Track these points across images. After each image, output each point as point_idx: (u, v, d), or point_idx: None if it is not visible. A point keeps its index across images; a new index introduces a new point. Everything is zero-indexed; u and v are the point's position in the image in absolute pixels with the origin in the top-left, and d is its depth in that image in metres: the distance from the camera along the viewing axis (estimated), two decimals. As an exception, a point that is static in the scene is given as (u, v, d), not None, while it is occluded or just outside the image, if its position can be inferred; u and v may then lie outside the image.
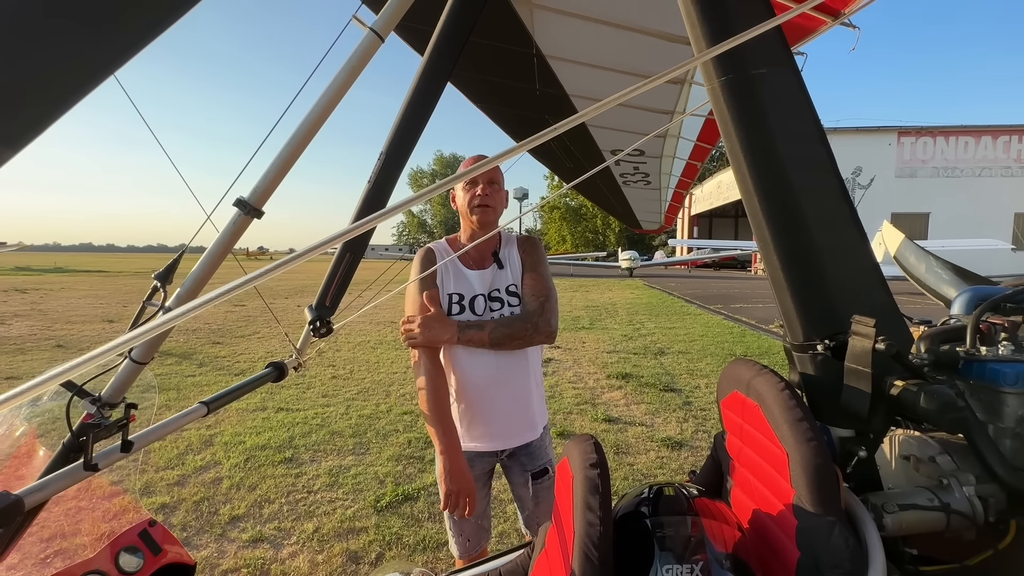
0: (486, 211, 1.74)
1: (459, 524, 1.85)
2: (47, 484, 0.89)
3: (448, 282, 1.79)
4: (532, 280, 1.80)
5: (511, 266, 1.81)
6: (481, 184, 1.71)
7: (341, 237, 0.53)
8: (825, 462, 0.85)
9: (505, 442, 1.79)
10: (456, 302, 1.76)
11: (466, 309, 1.75)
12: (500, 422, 1.77)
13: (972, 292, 1.30)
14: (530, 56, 2.77)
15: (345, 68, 1.13)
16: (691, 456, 4.08)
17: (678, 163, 4.73)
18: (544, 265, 1.85)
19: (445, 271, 1.80)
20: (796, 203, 1.08)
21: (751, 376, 1.04)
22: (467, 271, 1.80)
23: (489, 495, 1.91)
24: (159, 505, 3.24)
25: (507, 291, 1.77)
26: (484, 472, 1.85)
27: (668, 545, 0.88)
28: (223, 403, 1.24)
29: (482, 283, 1.78)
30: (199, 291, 1.13)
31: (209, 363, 7.20)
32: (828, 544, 0.82)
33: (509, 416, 1.77)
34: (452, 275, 1.80)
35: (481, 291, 1.77)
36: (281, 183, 1.15)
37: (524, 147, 0.54)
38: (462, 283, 1.78)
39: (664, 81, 0.57)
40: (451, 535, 1.88)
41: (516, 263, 1.82)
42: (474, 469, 1.78)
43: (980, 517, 0.96)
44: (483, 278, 1.78)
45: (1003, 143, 28.24)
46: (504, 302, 1.76)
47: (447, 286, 1.79)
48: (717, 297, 17.68)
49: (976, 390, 1.04)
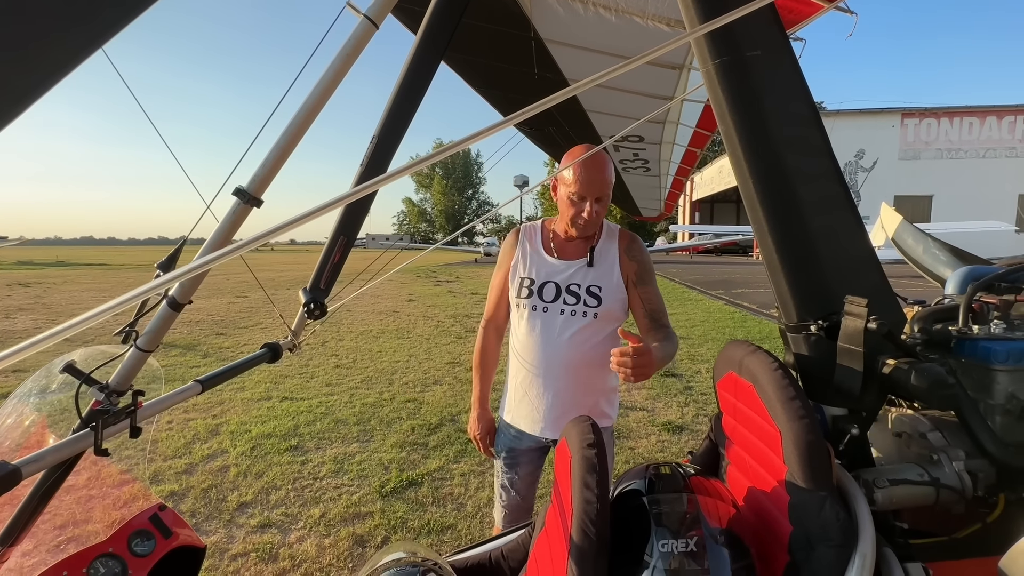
0: (588, 226, 1.66)
1: (502, 493, 1.89)
2: (44, 455, 0.91)
3: (524, 265, 1.76)
4: (655, 298, 1.75)
5: (604, 264, 1.72)
6: (590, 202, 1.61)
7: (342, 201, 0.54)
8: (816, 439, 0.87)
9: (550, 431, 1.76)
10: (526, 286, 1.73)
11: (534, 294, 1.72)
12: (544, 410, 1.74)
13: (965, 272, 1.31)
14: (528, 40, 2.75)
15: (340, 55, 1.13)
16: (692, 440, 4.13)
17: (677, 150, 4.71)
18: (654, 276, 1.80)
19: (524, 251, 1.77)
20: (790, 185, 1.08)
21: (744, 356, 1.06)
22: (548, 258, 1.75)
23: (535, 476, 1.90)
24: (168, 493, 3.30)
25: (587, 291, 1.69)
26: (531, 450, 1.84)
27: (664, 521, 0.90)
28: (217, 382, 1.26)
29: (562, 273, 1.72)
30: (201, 280, 1.15)
31: (213, 354, 7.25)
32: (819, 518, 0.84)
33: (554, 407, 1.73)
34: (531, 259, 1.76)
35: (556, 279, 1.71)
36: (281, 174, 1.16)
37: (510, 121, 0.55)
38: (539, 268, 1.74)
39: (657, 55, 0.58)
40: (496, 505, 1.93)
41: (612, 261, 1.73)
42: (522, 444, 1.83)
43: (969, 491, 0.98)
44: (566, 269, 1.72)
45: (1008, 123, 27.92)
46: (582, 299, 1.69)
47: (520, 270, 1.76)
48: (719, 282, 17.66)
49: (968, 368, 1.06)
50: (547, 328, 1.70)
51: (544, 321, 1.70)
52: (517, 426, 1.82)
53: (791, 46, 1.10)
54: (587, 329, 1.68)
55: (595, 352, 1.70)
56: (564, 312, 1.68)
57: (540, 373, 1.72)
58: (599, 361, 1.69)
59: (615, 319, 1.72)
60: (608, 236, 1.76)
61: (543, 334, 1.70)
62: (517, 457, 1.85)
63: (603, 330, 1.71)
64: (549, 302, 1.70)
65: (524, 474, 1.86)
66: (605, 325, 1.71)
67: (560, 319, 1.69)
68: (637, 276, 1.74)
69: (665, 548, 0.87)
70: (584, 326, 1.68)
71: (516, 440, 1.84)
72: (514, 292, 1.77)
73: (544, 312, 1.70)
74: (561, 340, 1.68)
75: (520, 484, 1.86)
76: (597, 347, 1.70)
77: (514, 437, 1.84)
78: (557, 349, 1.69)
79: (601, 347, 1.70)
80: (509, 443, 1.86)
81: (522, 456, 1.84)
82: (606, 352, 1.64)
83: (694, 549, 0.86)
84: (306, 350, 7.31)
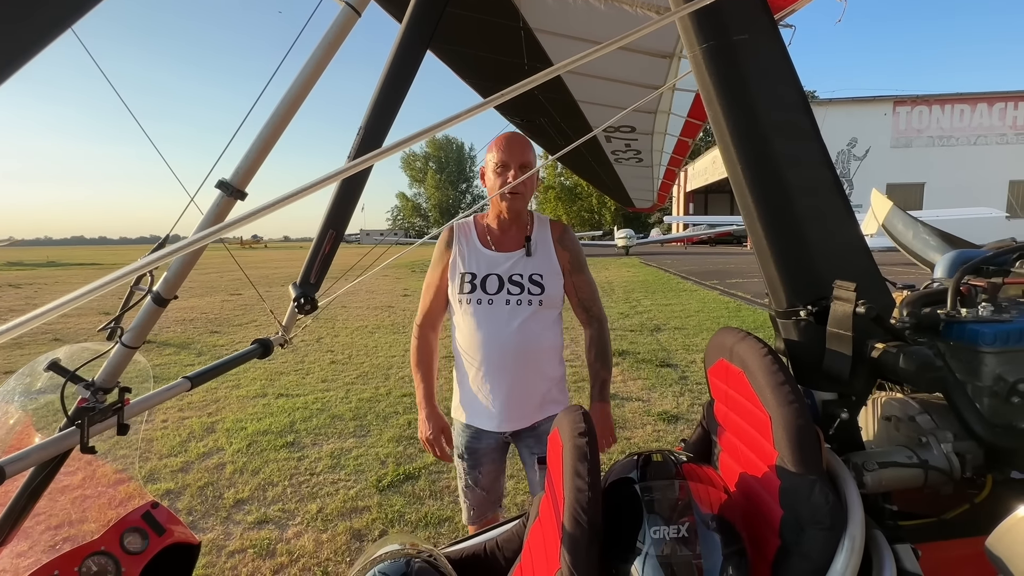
0: (516, 199, 1.71)
1: (465, 493, 1.91)
2: (28, 453, 0.90)
3: (464, 261, 1.77)
4: (587, 286, 1.83)
5: (541, 252, 1.76)
6: (514, 169, 1.66)
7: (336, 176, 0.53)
8: (806, 423, 0.87)
9: (502, 423, 1.78)
10: (468, 281, 1.74)
11: (477, 288, 1.73)
12: (500, 404, 1.76)
13: (954, 256, 1.31)
14: (517, 30, 2.72)
15: (322, 44, 1.11)
16: (687, 429, 4.15)
17: (669, 140, 4.68)
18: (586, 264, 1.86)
19: (462, 247, 1.78)
20: (779, 170, 1.08)
21: (735, 343, 1.06)
22: (487, 251, 1.76)
23: (500, 471, 1.92)
24: (164, 491, 3.29)
25: (530, 279, 1.72)
26: (491, 448, 1.86)
27: (656, 508, 0.90)
28: (207, 378, 1.25)
29: (502, 264, 1.74)
30: (186, 274, 1.13)
31: (207, 352, 7.22)
32: (809, 502, 0.84)
33: (509, 399, 1.75)
34: (469, 254, 1.77)
35: (498, 271, 1.73)
36: (268, 167, 1.15)
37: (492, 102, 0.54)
38: (479, 261, 1.75)
39: (636, 38, 0.58)
40: (461, 502, 1.95)
41: (548, 250, 1.77)
42: (482, 443, 1.84)
43: (957, 472, 0.99)
44: (506, 260, 1.74)
45: (999, 110, 28.05)
46: (525, 288, 1.72)
47: (460, 266, 1.77)
48: (713, 273, 17.72)
49: (956, 351, 1.06)
50: (494, 320, 1.71)
51: (490, 313, 1.72)
52: (475, 424, 1.82)
53: (779, 31, 1.09)
54: (533, 317, 1.72)
55: (543, 339, 1.75)
56: (510, 303, 1.71)
57: (493, 366, 1.73)
58: (548, 347, 1.77)
59: (557, 305, 1.79)
60: (541, 225, 1.80)
61: (491, 326, 1.72)
62: (479, 457, 1.85)
63: (548, 316, 1.76)
64: (493, 294, 1.72)
65: (487, 471, 1.87)
66: (549, 311, 1.76)
67: (506, 310, 1.71)
68: (571, 265, 1.79)
69: (657, 535, 0.87)
70: (531, 314, 1.71)
71: (475, 439, 1.84)
72: (455, 289, 1.77)
73: (489, 304, 1.72)
74: (509, 330, 1.70)
75: (484, 480, 1.87)
76: (544, 333, 1.75)
77: (472, 436, 1.84)
78: (507, 340, 1.71)
79: (548, 333, 1.76)
80: (468, 443, 1.85)
81: (484, 456, 1.85)
82: (553, 338, 1.81)
83: (686, 535, 0.87)
84: (301, 346, 7.29)
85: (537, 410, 1.79)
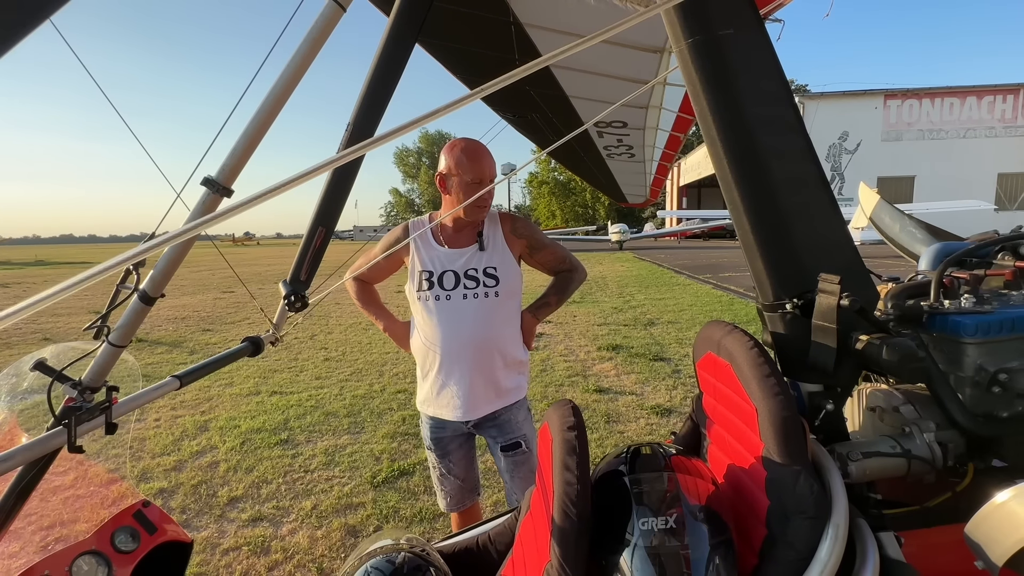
0: (485, 208, 1.80)
1: (440, 482, 1.97)
2: (14, 453, 0.89)
3: (420, 260, 1.82)
4: (552, 255, 1.91)
5: (494, 245, 1.82)
6: (486, 183, 1.74)
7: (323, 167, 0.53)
8: (792, 415, 0.89)
9: (465, 413, 1.83)
10: (426, 279, 1.80)
11: (435, 285, 1.79)
12: (462, 395, 1.82)
13: (938, 248, 1.33)
14: (508, 25, 2.71)
15: (307, 40, 1.10)
16: (680, 422, 4.18)
17: (661, 135, 4.69)
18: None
19: (417, 248, 1.82)
20: (764, 164, 1.09)
21: (722, 336, 1.07)
22: (442, 249, 1.82)
23: (470, 458, 1.99)
24: (157, 490, 3.28)
25: (484, 272, 1.79)
26: (457, 435, 1.92)
27: (645, 500, 0.91)
28: (196, 377, 1.25)
29: (457, 261, 1.80)
30: (172, 272, 1.13)
31: (200, 350, 7.18)
32: (794, 492, 0.86)
33: (470, 390, 1.81)
34: (425, 253, 1.82)
35: (453, 267, 1.79)
36: (256, 164, 1.14)
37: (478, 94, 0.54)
38: (435, 259, 1.81)
39: (620, 30, 0.58)
40: (437, 491, 2.02)
41: (499, 243, 1.83)
42: (446, 432, 1.91)
43: (939, 462, 1.01)
44: (459, 256, 1.80)
45: (988, 103, 28.30)
46: (480, 282, 1.78)
47: (417, 264, 1.82)
48: (706, 267, 17.80)
49: (939, 342, 1.08)
50: (454, 315, 1.78)
51: (449, 309, 1.78)
52: (440, 416, 1.88)
53: (763, 25, 1.10)
54: (491, 309, 1.78)
55: (502, 328, 1.83)
56: (467, 297, 1.77)
57: (452, 359, 1.80)
58: (508, 336, 1.85)
59: (514, 295, 1.86)
60: (491, 220, 1.87)
61: (451, 321, 1.78)
62: (446, 445, 1.93)
63: (505, 306, 1.83)
64: (450, 290, 1.78)
65: (458, 459, 1.94)
66: (506, 301, 1.82)
67: (464, 304, 1.77)
68: (530, 247, 1.89)
69: (645, 526, 0.88)
70: (488, 306, 1.78)
71: (440, 429, 1.91)
72: (414, 287, 1.83)
73: (448, 300, 1.78)
74: (469, 323, 1.77)
75: (457, 469, 1.95)
76: (503, 324, 1.83)
77: (437, 427, 1.91)
78: (468, 333, 1.77)
79: (507, 323, 1.85)
80: (433, 434, 1.93)
81: (450, 443, 1.92)
82: (512, 327, 1.89)
83: (674, 526, 0.88)
84: (295, 344, 7.26)
85: (496, 399, 1.85)
